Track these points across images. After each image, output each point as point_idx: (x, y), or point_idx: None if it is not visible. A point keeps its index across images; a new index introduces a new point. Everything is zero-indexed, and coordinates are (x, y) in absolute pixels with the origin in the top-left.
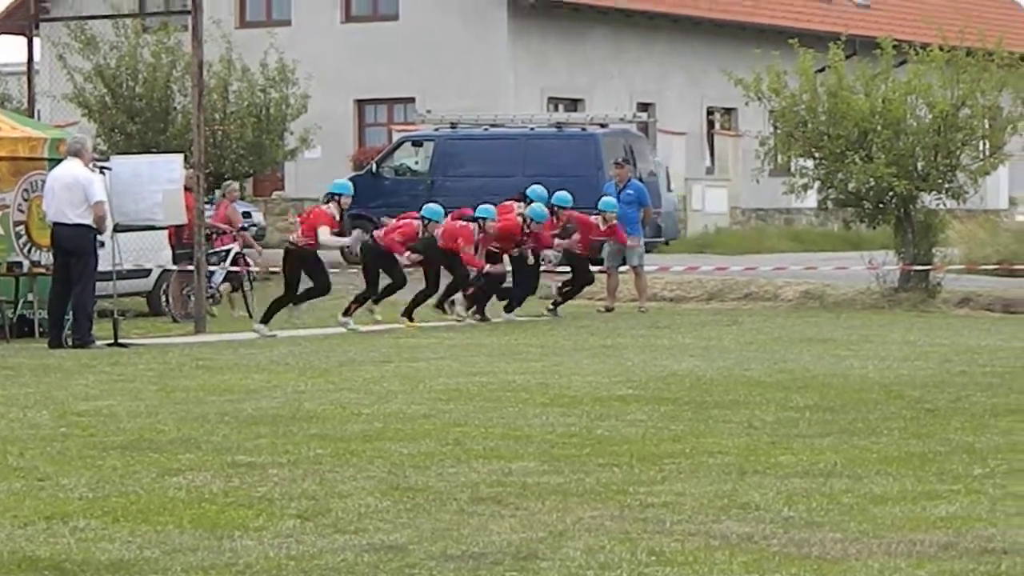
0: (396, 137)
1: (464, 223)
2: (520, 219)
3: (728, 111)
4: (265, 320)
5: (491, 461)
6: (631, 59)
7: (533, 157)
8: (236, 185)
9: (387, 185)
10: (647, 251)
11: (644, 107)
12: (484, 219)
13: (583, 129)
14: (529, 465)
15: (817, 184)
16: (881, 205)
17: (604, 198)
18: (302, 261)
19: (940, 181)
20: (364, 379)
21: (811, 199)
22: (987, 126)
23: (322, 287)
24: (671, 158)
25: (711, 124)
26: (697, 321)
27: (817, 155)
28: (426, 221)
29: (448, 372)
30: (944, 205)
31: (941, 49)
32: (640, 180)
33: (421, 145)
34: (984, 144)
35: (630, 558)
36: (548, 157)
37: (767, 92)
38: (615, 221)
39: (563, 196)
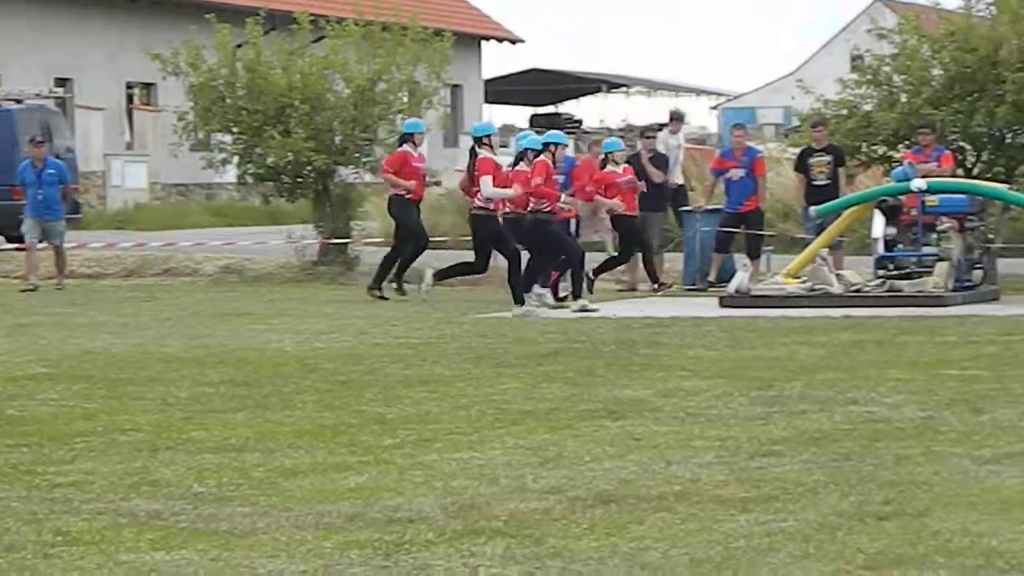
0: None
1: None
2: None
3: (148, 86)
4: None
5: None
6: (48, 33)
7: None
8: None
9: None
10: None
11: (62, 82)
12: None
13: None
14: None
15: (236, 159)
16: (299, 179)
17: None
18: None
19: (358, 155)
20: None
21: (231, 174)
22: (404, 100)
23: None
24: (89, 134)
25: (130, 99)
26: (115, 298)
27: (235, 130)
28: None
29: None
30: (362, 179)
31: (357, 24)
32: (58, 157)
33: None
34: (401, 118)
35: (36, 539)
36: None
37: (185, 67)
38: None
39: None
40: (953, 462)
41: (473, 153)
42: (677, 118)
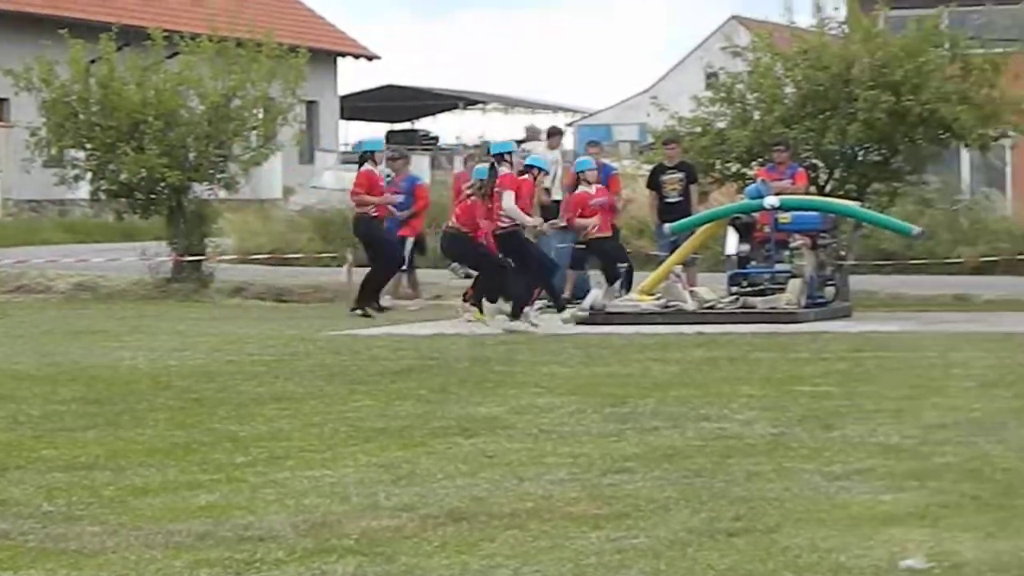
0: None
1: None
2: None
3: (0, 101)
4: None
5: None
6: None
7: None
8: None
9: None
10: None
11: None
12: None
13: None
14: None
15: (89, 175)
16: (153, 196)
17: None
18: None
19: (212, 172)
20: None
21: (84, 190)
22: (259, 116)
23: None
24: None
25: None
26: None
27: (89, 146)
28: None
29: None
30: (216, 195)
31: (211, 40)
32: None
33: None
34: (256, 134)
35: None
36: None
37: (37, 82)
38: None
39: None
40: (803, 478)
41: (492, 170)
42: (556, 133)
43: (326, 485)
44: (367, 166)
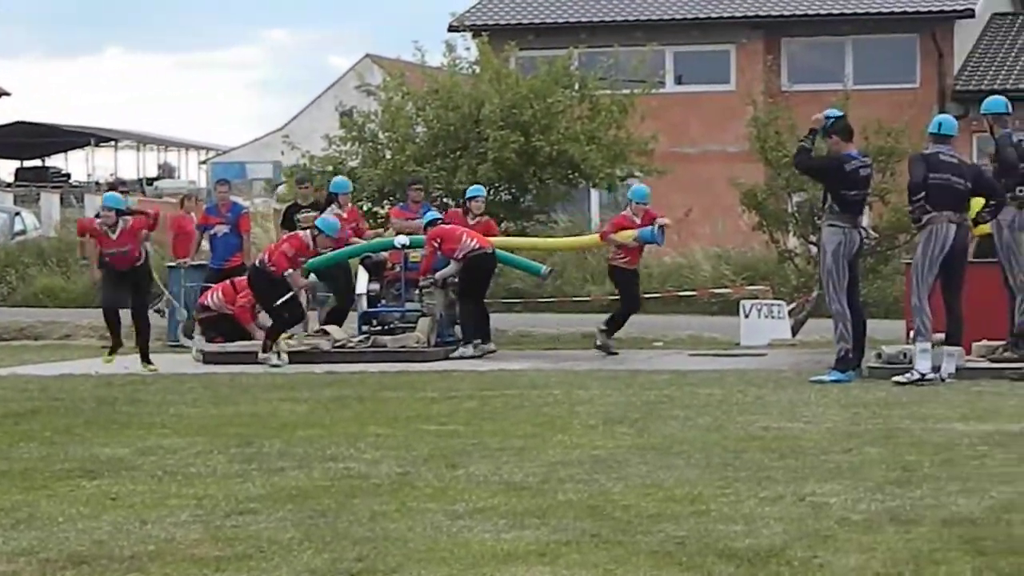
0: None
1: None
2: None
3: None
4: None
5: None
6: None
7: None
8: None
9: None
10: None
11: None
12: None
13: None
14: None
15: None
16: None
17: None
18: None
19: None
20: None
21: None
22: None
23: None
24: None
25: None
26: None
27: None
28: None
29: None
30: None
31: None
32: None
33: None
34: None
35: None
36: None
37: None
38: None
39: None
40: (427, 517)
41: None
42: None
43: None
44: (333, 208)
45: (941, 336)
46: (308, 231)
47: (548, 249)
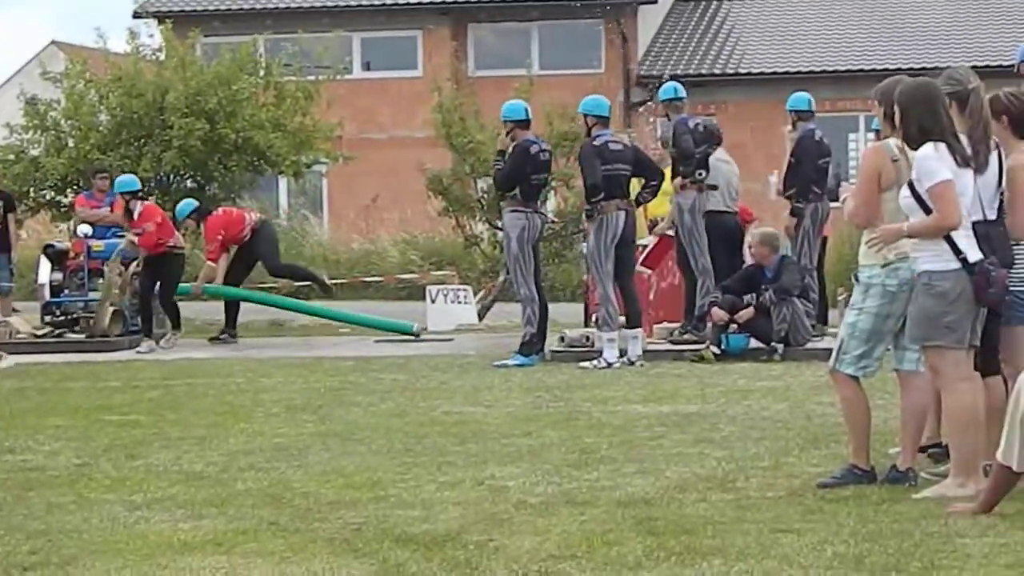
0: None
1: None
2: None
3: None
4: None
5: None
6: None
7: None
8: None
9: None
10: None
11: None
12: None
13: None
14: None
15: None
16: None
17: None
18: None
19: None
20: None
21: None
22: None
23: None
24: None
25: None
26: None
27: None
28: None
29: None
30: None
31: None
32: None
33: None
34: None
35: None
36: None
37: None
38: None
39: None
40: (104, 509)
41: None
42: None
43: None
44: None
45: (622, 320)
46: None
47: None
